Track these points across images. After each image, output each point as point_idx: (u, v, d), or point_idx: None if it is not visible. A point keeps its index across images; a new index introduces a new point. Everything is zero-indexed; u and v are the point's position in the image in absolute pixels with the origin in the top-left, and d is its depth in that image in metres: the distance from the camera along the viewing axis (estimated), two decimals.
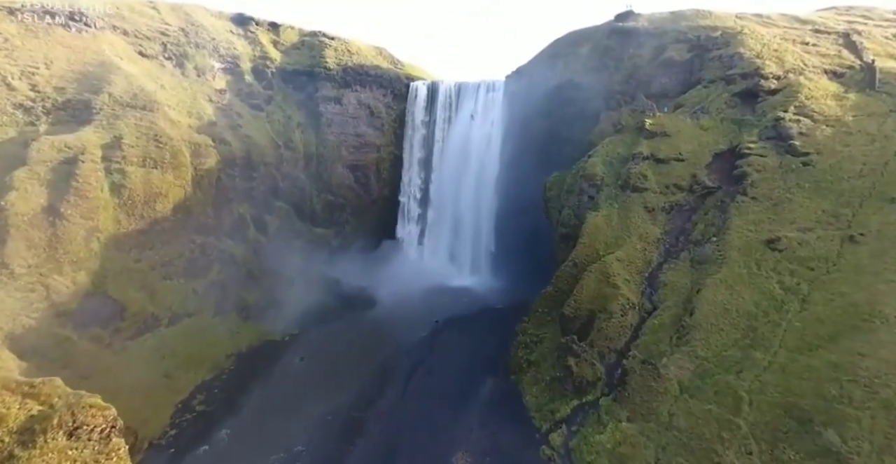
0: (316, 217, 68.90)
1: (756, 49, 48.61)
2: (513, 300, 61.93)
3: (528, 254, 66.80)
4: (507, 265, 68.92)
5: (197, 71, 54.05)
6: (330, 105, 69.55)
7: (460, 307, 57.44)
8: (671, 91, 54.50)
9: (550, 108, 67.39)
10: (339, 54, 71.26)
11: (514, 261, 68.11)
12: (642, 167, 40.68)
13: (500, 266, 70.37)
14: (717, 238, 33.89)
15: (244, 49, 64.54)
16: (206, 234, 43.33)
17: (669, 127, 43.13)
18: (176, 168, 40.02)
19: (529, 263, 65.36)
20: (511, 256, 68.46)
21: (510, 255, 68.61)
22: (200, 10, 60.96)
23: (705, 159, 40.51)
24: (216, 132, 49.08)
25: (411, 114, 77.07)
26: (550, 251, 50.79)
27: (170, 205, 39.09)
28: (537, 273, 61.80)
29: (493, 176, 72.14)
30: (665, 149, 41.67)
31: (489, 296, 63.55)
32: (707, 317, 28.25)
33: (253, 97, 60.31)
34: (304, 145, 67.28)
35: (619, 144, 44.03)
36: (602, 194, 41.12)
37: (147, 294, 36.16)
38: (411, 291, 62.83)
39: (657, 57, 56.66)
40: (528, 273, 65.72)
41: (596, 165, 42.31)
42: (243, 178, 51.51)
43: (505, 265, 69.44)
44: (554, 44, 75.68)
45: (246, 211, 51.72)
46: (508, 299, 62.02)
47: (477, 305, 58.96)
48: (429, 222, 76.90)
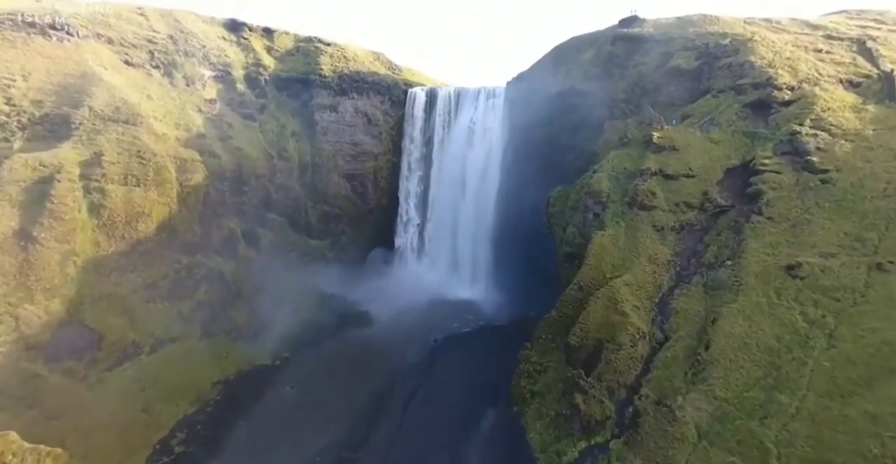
0: (311, 229, 66.95)
1: (768, 57, 46.60)
2: (515, 315, 60.01)
3: (529, 263, 65.14)
4: (509, 276, 66.95)
5: (186, 80, 52.10)
6: (325, 113, 67.60)
7: (461, 323, 55.48)
8: (678, 100, 52.53)
9: (552, 116, 65.55)
10: (334, 61, 69.34)
11: (515, 271, 66.21)
12: (650, 184, 38.68)
13: (501, 277, 68.37)
14: (732, 262, 31.86)
15: (237, 56, 62.64)
16: (193, 252, 41.34)
17: (678, 140, 41.13)
18: (160, 185, 38.04)
19: (531, 274, 63.55)
20: (512, 266, 66.58)
21: (511, 265, 66.71)
22: (191, 16, 59.08)
23: (717, 175, 38.49)
24: (205, 145, 47.11)
25: (410, 121, 75.14)
26: (553, 267, 48.76)
27: (153, 224, 37.11)
28: (539, 285, 59.94)
29: (493, 184, 70.23)
30: (674, 164, 39.67)
31: (490, 310, 61.60)
32: (724, 351, 26.22)
33: (245, 106, 58.37)
34: (298, 155, 65.36)
35: (626, 159, 42.03)
36: (608, 212, 39.11)
37: (128, 320, 34.16)
38: (410, 306, 60.86)
39: (663, 64, 54.66)
40: (529, 285, 63.84)
41: (601, 180, 40.31)
42: (233, 192, 49.54)
43: (506, 276, 67.45)
44: (556, 49, 73.76)
45: (236, 226, 49.74)
46: (510, 314, 60.09)
47: (478, 320, 57.00)
48: (428, 232, 74.94)
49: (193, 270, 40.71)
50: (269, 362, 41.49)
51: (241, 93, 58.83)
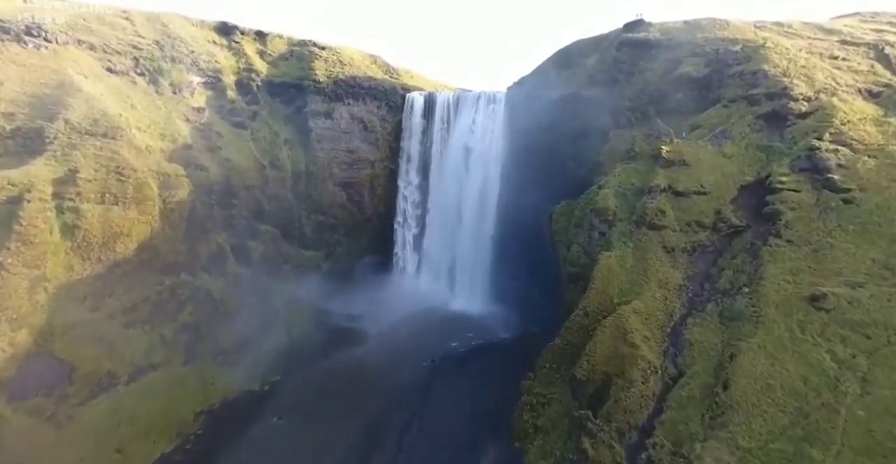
0: (305, 239, 64.84)
1: (782, 66, 44.40)
2: (515, 330, 58.02)
3: (530, 273, 63.21)
4: (509, 287, 64.86)
5: (173, 87, 49.87)
6: (320, 120, 65.39)
7: (459, 341, 53.36)
8: (686, 109, 50.32)
9: (554, 122, 63.49)
10: (329, 65, 67.08)
11: (515, 281, 64.17)
12: (659, 201, 36.50)
13: (501, 287, 66.27)
14: (750, 289, 29.71)
15: (227, 61, 60.35)
16: (177, 272, 39.19)
17: (689, 155, 38.95)
18: (140, 203, 35.85)
19: (532, 284, 61.59)
20: (512, 276, 64.54)
21: (511, 275, 64.65)
22: (179, 19, 56.80)
23: (730, 193, 36.32)
24: (191, 157, 44.90)
25: (407, 127, 72.99)
26: (555, 276, 46.50)
27: (133, 245, 34.94)
28: (540, 296, 57.94)
29: (493, 191, 68.21)
30: (684, 180, 37.48)
31: (490, 324, 59.56)
32: (745, 393, 24.08)
33: (235, 114, 56.12)
34: (291, 163, 63.16)
35: (633, 174, 39.85)
36: (615, 231, 36.92)
37: (104, 348, 32.00)
38: (406, 320, 58.82)
39: (671, 71, 52.44)
40: (530, 296, 61.88)
41: (608, 197, 38.13)
42: (222, 205, 47.34)
43: (506, 287, 65.36)
44: (558, 53, 71.55)
45: (225, 241, 47.57)
46: (511, 329, 58.08)
47: (477, 336, 54.92)
48: (425, 241, 72.82)
49: (177, 291, 38.55)
50: (258, 387, 39.37)
51: (232, 100, 56.59)
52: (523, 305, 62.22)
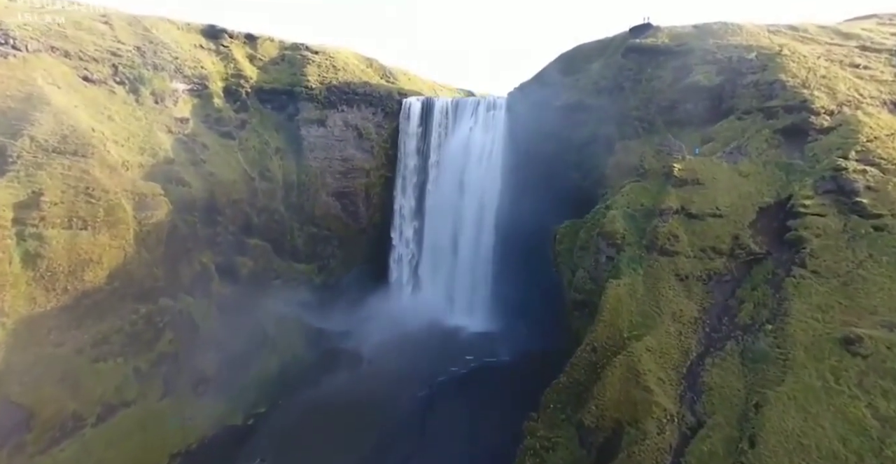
0: (297, 252, 62.21)
1: (800, 75, 41.73)
2: (517, 349, 55.46)
3: (532, 288, 60.71)
4: (510, 302, 62.42)
5: (155, 97, 47.12)
6: (312, 128, 62.68)
7: (458, 364, 50.80)
8: (697, 119, 47.67)
9: (557, 130, 60.93)
10: (322, 71, 64.31)
11: (516, 296, 61.69)
12: (672, 225, 33.90)
13: (502, 303, 63.80)
14: (774, 327, 27.14)
15: (215, 67, 57.59)
16: (154, 298, 36.58)
17: (702, 173, 36.32)
18: (112, 226, 33.21)
19: (534, 300, 59.03)
20: (513, 290, 62.12)
21: (512, 289, 62.22)
22: (163, 23, 54.00)
23: (748, 216, 33.70)
24: (173, 172, 42.23)
25: (404, 134, 70.22)
26: (561, 307, 44.01)
27: (103, 272, 32.32)
28: (542, 311, 55.45)
29: (494, 201, 65.67)
30: (698, 201, 34.86)
31: (490, 344, 57.06)
32: (776, 453, 21.55)
33: (222, 124, 53.40)
34: (283, 174, 60.52)
35: (643, 193, 37.22)
36: (624, 256, 34.31)
37: (69, 387, 29.43)
38: (402, 339, 56.25)
39: (681, 80, 49.73)
40: (531, 312, 59.42)
41: (615, 219, 35.48)
42: (206, 222, 44.71)
43: (507, 302, 62.91)
44: (561, 58, 68.86)
45: (210, 260, 44.96)
46: (512, 348, 55.55)
47: (476, 359, 52.32)
48: (423, 253, 70.21)
49: (155, 318, 35.95)
50: (241, 421, 36.87)
51: (219, 108, 53.85)
52: (525, 320, 59.80)
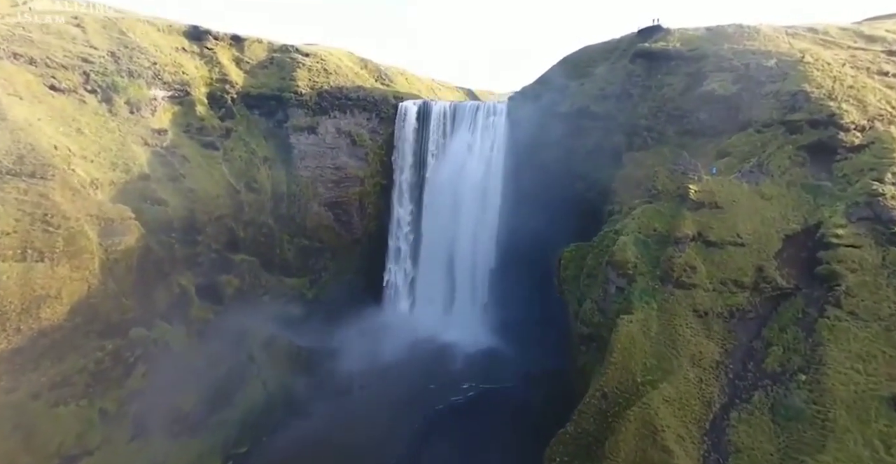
0: (288, 266, 59.27)
1: (826, 86, 38.57)
2: (519, 371, 52.79)
3: (533, 303, 58.14)
4: (511, 318, 59.78)
5: (130, 106, 43.92)
6: (302, 135, 59.47)
7: (456, 390, 48.02)
8: (710, 130, 44.64)
9: (561, 138, 57.94)
10: (313, 75, 60.94)
11: (517, 312, 59.08)
12: (689, 254, 30.91)
13: (502, 318, 61.06)
14: (808, 377, 24.28)
15: (198, 71, 54.26)
16: (124, 330, 33.65)
17: (721, 195, 33.25)
18: (73, 257, 30.20)
19: (535, 315, 56.39)
20: (514, 305, 59.54)
21: (513, 305, 59.65)
22: (142, 25, 50.62)
23: (773, 245, 30.72)
24: (148, 190, 39.19)
25: (400, 140, 66.97)
26: (565, 334, 41.14)
27: (63, 308, 29.35)
28: (544, 327, 52.98)
29: (494, 210, 62.69)
30: (717, 227, 31.85)
31: (490, 367, 54.33)
32: None
33: (205, 133, 50.19)
34: (271, 184, 57.42)
35: (656, 216, 34.14)
36: (636, 288, 31.30)
37: (21, 437, 26.60)
38: (398, 360, 53.52)
39: (693, 87, 46.59)
40: (533, 328, 56.87)
41: (626, 247, 32.42)
42: (185, 242, 41.72)
43: (508, 318, 60.22)
44: (565, 61, 65.61)
45: (189, 282, 42.04)
46: (514, 370, 52.87)
47: (476, 383, 49.51)
48: (420, 265, 67.16)
49: (124, 353, 33.02)
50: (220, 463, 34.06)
51: (202, 117, 50.63)
52: (525, 339, 57.04)
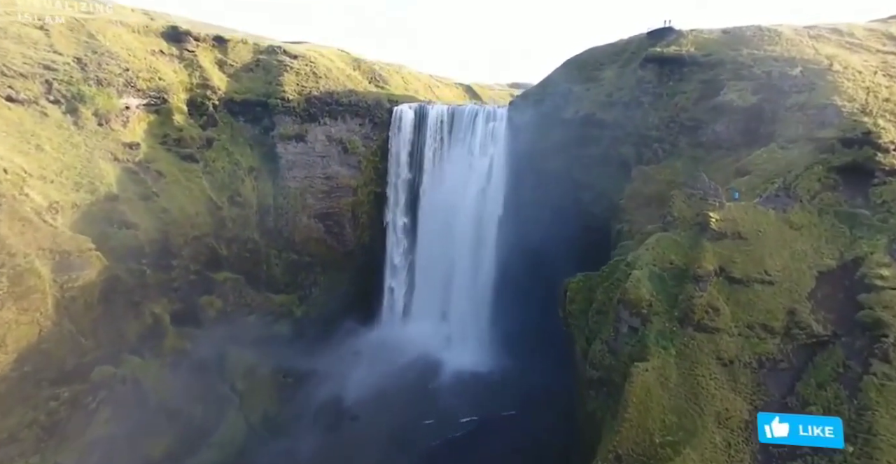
0: (275, 282, 56.07)
1: (858, 98, 35.21)
2: (522, 395, 50.46)
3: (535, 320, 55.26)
4: (512, 337, 57.18)
5: (98, 118, 40.39)
6: (290, 144, 55.89)
7: (454, 422, 45.10)
8: (727, 144, 41.48)
9: (565, 146, 54.76)
10: (301, 79, 57.18)
11: (519, 330, 56.48)
12: (710, 294, 27.69)
13: (503, 337, 58.19)
14: (855, 449, 21.22)
15: (177, 76, 50.52)
16: (82, 375, 30.46)
17: (745, 224, 29.95)
18: (21, 298, 26.93)
19: (538, 333, 52.38)
20: (516, 323, 57.02)
21: (515, 322, 57.02)
22: (113, 27, 46.83)
23: (806, 284, 27.50)
24: (115, 213, 35.82)
25: (395, 146, 63.41)
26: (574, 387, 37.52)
27: (8, 357, 26.08)
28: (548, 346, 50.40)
29: (494, 221, 59.39)
30: (742, 262, 28.60)
31: (491, 388, 51.62)
32: None
33: (184, 145, 46.63)
34: (257, 197, 54.04)
35: (672, 247, 30.81)
36: (651, 329, 28.11)
37: None
38: (392, 383, 50.71)
39: (709, 97, 43.23)
40: (535, 347, 52.89)
41: (640, 283, 29.10)
42: (158, 267, 38.44)
43: (508, 337, 57.52)
44: (570, 64, 61.95)
45: (164, 309, 38.90)
46: (516, 396, 50.19)
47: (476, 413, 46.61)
48: (416, 277, 64.08)
49: (84, 399, 29.91)
50: None
51: (180, 126, 47.06)
52: (526, 355, 54.38)
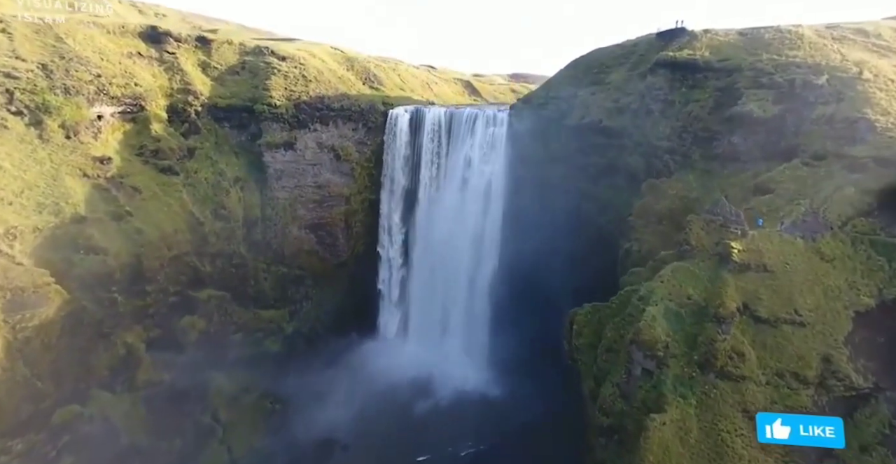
0: (264, 297, 53.33)
1: (893, 112, 32.20)
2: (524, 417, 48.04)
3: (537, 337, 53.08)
4: (513, 355, 54.60)
5: (66, 130, 37.34)
6: (278, 153, 52.78)
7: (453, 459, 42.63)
8: (745, 156, 38.56)
9: (570, 153, 52.14)
10: (290, 83, 53.84)
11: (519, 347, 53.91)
12: (735, 337, 24.94)
13: (503, 356, 55.69)
14: None
15: (156, 81, 47.33)
16: (40, 422, 27.82)
17: (771, 255, 27.11)
18: None
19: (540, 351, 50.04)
20: (517, 340, 54.59)
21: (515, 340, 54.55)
22: (84, 29, 43.52)
23: (842, 326, 24.78)
24: (82, 236, 32.95)
25: (390, 151, 60.29)
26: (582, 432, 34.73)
27: None
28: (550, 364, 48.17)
29: (494, 232, 56.68)
30: (768, 299, 25.84)
31: (491, 412, 49.36)
32: None
33: (162, 156, 43.56)
34: (243, 208, 51.10)
35: (690, 280, 27.97)
36: (668, 374, 25.43)
37: None
38: (386, 407, 48.43)
39: (725, 105, 40.15)
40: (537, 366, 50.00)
41: (655, 322, 26.31)
42: (131, 294, 35.70)
43: (509, 355, 55.01)
44: (574, 65, 58.80)
45: (139, 338, 36.25)
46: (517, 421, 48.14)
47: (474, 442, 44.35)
48: (412, 292, 61.31)
49: (42, 448, 27.31)
50: None
51: (158, 137, 43.97)
52: (526, 375, 52.01)
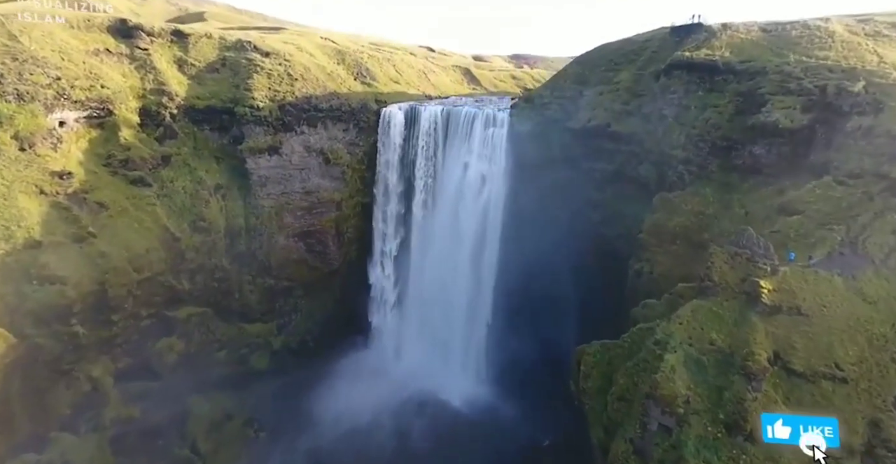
0: (250, 311, 50.51)
1: None
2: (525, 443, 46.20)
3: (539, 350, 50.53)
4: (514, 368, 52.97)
5: (20, 141, 33.67)
6: (263, 158, 49.05)
7: None
8: (769, 169, 35.46)
9: (573, 157, 49.27)
10: (273, 82, 49.73)
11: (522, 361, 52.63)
12: (766, 393, 21.98)
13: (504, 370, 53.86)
14: None
15: (126, 81, 43.42)
16: None
17: (805, 295, 24.06)
18: None
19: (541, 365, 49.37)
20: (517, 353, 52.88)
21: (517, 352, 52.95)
22: (42, 24, 39.37)
23: (891, 382, 21.90)
24: (36, 265, 29.75)
25: (384, 154, 56.80)
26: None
27: None
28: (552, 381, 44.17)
29: (494, 240, 53.74)
30: (804, 348, 22.88)
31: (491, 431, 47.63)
32: None
33: (132, 166, 39.92)
34: (225, 218, 47.75)
35: (713, 321, 24.91)
36: (689, 434, 22.54)
37: None
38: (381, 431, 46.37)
39: (747, 112, 36.67)
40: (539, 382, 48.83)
41: (675, 375, 23.29)
42: (96, 324, 32.68)
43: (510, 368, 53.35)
44: (578, 63, 55.00)
45: (106, 371, 33.49)
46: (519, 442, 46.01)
47: None
48: (408, 301, 58.46)
49: None
50: None
51: (128, 144, 40.32)
52: (529, 389, 50.21)
